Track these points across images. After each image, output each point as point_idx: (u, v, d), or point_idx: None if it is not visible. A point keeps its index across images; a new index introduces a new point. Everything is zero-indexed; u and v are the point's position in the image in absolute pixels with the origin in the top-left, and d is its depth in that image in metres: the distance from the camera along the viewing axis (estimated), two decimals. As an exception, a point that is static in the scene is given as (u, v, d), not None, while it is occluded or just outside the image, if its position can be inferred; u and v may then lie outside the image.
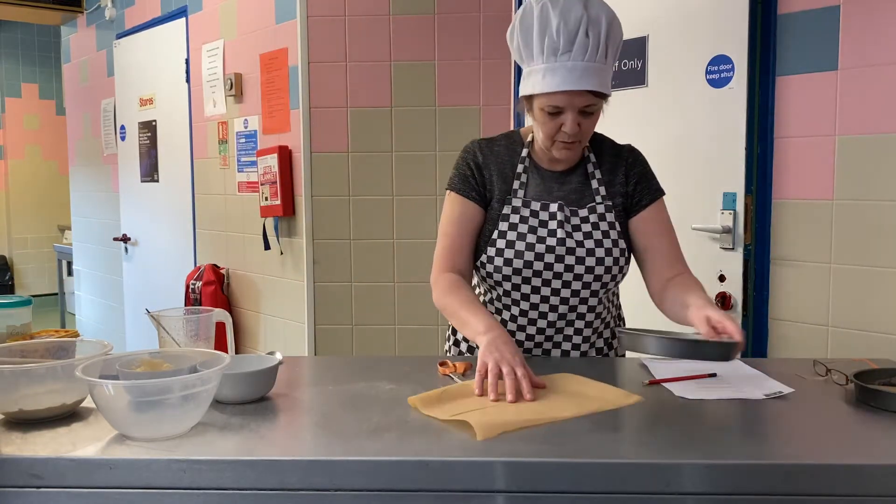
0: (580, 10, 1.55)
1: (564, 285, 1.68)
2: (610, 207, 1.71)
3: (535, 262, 1.67)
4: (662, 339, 1.37)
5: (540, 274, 1.67)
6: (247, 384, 1.40)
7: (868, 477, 1.09)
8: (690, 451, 1.18)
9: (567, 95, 1.57)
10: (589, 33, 1.55)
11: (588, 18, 1.55)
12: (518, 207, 1.70)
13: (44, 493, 1.14)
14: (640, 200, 1.74)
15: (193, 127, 4.36)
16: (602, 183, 1.73)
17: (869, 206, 2.31)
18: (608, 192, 1.73)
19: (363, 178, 3.49)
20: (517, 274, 1.68)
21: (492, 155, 1.75)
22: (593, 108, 1.61)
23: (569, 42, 1.55)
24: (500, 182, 1.73)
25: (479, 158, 1.75)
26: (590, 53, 1.55)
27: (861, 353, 2.27)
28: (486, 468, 1.11)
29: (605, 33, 1.57)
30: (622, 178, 1.74)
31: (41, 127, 8.79)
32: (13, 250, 8.77)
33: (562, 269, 1.67)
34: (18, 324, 1.95)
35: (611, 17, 1.59)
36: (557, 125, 1.61)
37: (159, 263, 4.84)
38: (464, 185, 1.75)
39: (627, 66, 2.87)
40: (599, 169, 1.74)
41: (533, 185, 1.74)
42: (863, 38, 2.30)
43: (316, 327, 3.58)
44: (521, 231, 1.69)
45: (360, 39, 3.45)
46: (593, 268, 1.67)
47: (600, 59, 1.57)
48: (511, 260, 1.68)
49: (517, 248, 1.68)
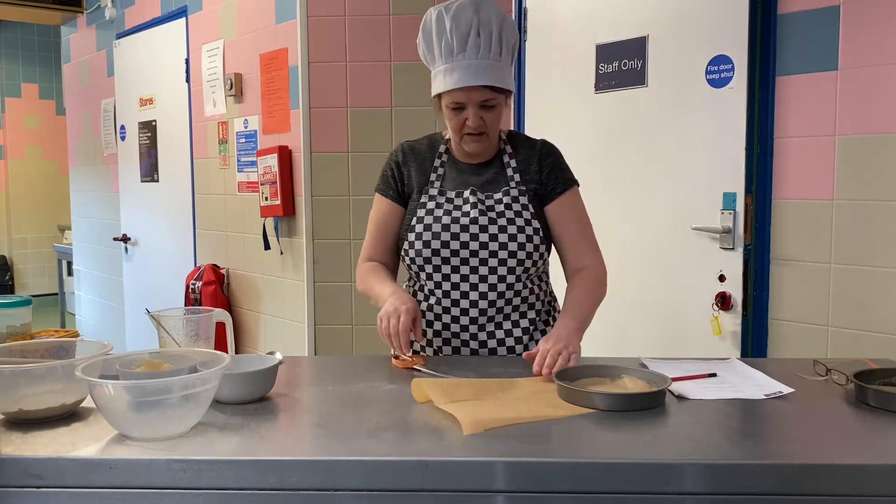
0: (470, 14, 1.71)
1: (482, 262, 1.77)
2: (524, 192, 1.82)
3: (452, 242, 1.77)
4: (596, 395, 1.37)
5: (457, 253, 1.77)
6: (247, 384, 1.40)
7: (868, 477, 1.09)
8: (690, 451, 1.18)
9: (465, 91, 1.72)
10: (481, 34, 1.70)
11: (479, 21, 1.70)
12: (434, 196, 1.84)
13: (44, 493, 1.14)
14: (553, 189, 1.84)
15: (193, 127, 4.36)
16: (517, 171, 1.84)
17: (869, 206, 2.31)
18: (522, 179, 1.83)
19: (363, 178, 3.49)
20: (436, 255, 1.78)
21: (412, 153, 1.91)
22: (492, 101, 1.74)
23: (462, 43, 1.71)
24: (418, 176, 1.87)
25: (400, 157, 1.91)
26: (482, 52, 1.71)
27: (861, 353, 2.26)
28: (486, 468, 1.11)
29: (496, 33, 1.71)
30: (536, 167, 1.84)
31: (41, 127, 8.79)
32: (13, 250, 8.77)
33: (477, 246, 1.76)
34: (18, 324, 1.95)
35: (501, 18, 1.73)
36: (462, 120, 1.76)
37: (159, 263, 4.84)
38: (384, 185, 1.91)
39: (627, 66, 2.87)
40: (515, 159, 1.86)
41: (450, 177, 1.87)
42: (863, 38, 2.29)
43: (316, 327, 3.58)
44: (437, 215, 1.80)
45: (360, 39, 3.45)
46: (506, 244, 1.76)
47: (494, 56, 1.72)
48: (429, 241, 1.78)
49: (434, 229, 1.79)
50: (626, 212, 2.88)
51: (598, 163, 2.95)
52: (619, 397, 1.37)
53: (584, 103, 3.02)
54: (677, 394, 1.43)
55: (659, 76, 2.79)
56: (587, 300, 1.80)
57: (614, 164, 2.93)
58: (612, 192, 2.90)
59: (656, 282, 2.80)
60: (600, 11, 2.97)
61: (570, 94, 3.07)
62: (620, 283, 2.77)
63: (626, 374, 1.49)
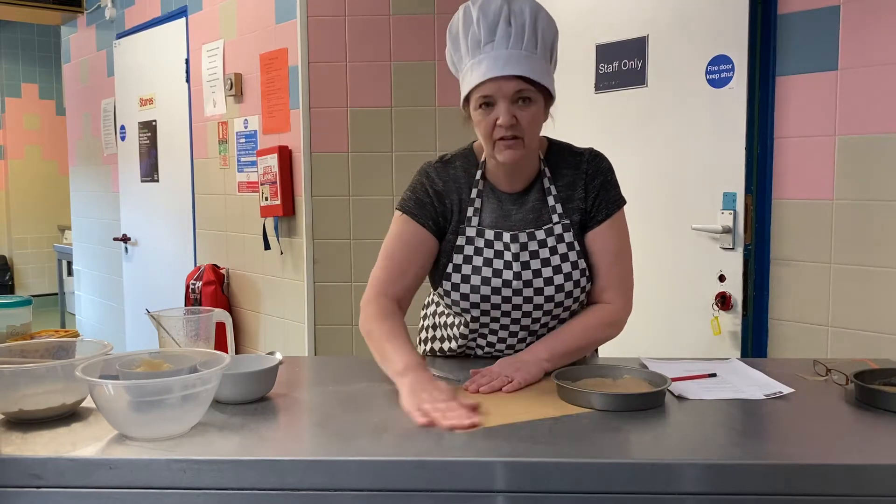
0: (499, 3, 1.54)
1: (525, 315, 1.65)
2: (568, 227, 1.64)
3: (493, 297, 1.62)
4: (596, 395, 1.37)
5: (499, 307, 1.63)
6: (247, 384, 1.40)
7: (868, 477, 1.09)
8: (690, 451, 1.18)
9: (495, 83, 1.52)
10: (511, 22, 1.53)
11: (509, 10, 1.54)
12: (472, 238, 1.64)
13: (44, 493, 1.14)
14: (595, 216, 1.66)
15: (193, 127, 4.36)
16: (559, 200, 1.65)
17: (869, 206, 2.31)
18: (565, 210, 1.65)
19: (363, 178, 3.49)
20: (475, 307, 1.64)
21: (450, 180, 1.67)
22: (525, 94, 1.53)
23: (490, 32, 1.53)
24: (457, 210, 1.66)
25: (439, 185, 1.67)
26: (514, 41, 1.53)
27: (861, 353, 2.27)
28: (486, 468, 1.11)
29: (529, 23, 1.53)
30: (581, 193, 1.66)
31: (41, 127, 8.79)
32: (13, 250, 8.77)
33: (520, 301, 1.62)
34: (18, 324, 1.95)
35: (536, 9, 1.56)
36: (493, 120, 1.54)
37: (159, 263, 4.84)
38: (420, 211, 1.66)
39: (627, 66, 2.87)
40: (555, 185, 1.66)
41: (488, 210, 1.66)
42: (863, 38, 2.29)
43: (316, 327, 3.58)
44: (476, 265, 1.62)
45: (360, 39, 3.45)
46: (553, 296, 1.62)
47: (528, 48, 1.53)
48: (468, 295, 1.63)
49: (472, 282, 1.62)
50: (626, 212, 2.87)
51: (598, 163, 2.95)
52: (618, 397, 1.37)
53: (584, 103, 3.02)
54: (677, 394, 1.43)
55: (659, 76, 2.79)
56: (579, 337, 1.63)
57: (614, 165, 2.90)
58: (612, 192, 2.90)
59: (656, 281, 2.80)
60: (600, 11, 2.97)
61: (570, 94, 3.07)
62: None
63: (626, 374, 1.49)
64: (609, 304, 1.67)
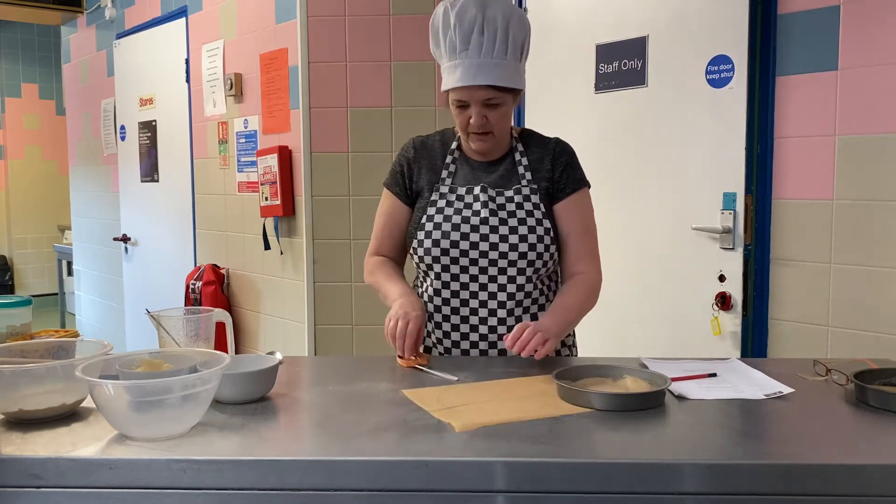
0: (474, 12, 1.67)
1: (491, 263, 1.75)
2: (535, 190, 1.79)
3: (461, 242, 1.75)
4: (596, 395, 1.37)
5: (467, 253, 1.75)
6: (247, 384, 1.40)
7: (868, 477, 1.09)
8: (690, 451, 1.18)
9: (467, 90, 1.70)
10: (485, 31, 1.67)
11: (484, 18, 1.67)
12: (445, 193, 1.81)
13: (44, 493, 1.14)
14: (563, 188, 1.81)
15: (193, 127, 4.36)
16: (528, 169, 1.81)
17: (869, 206, 2.31)
18: (534, 177, 1.81)
19: (363, 178, 3.49)
20: (445, 254, 1.76)
21: (424, 150, 1.88)
22: (496, 100, 1.71)
23: (464, 41, 1.68)
24: (428, 174, 1.85)
25: (411, 154, 1.89)
26: (485, 51, 1.67)
27: (861, 353, 2.26)
28: (486, 468, 1.11)
29: (502, 31, 1.67)
30: (548, 166, 1.81)
31: (41, 127, 8.79)
32: (13, 250, 8.77)
33: (487, 246, 1.74)
34: (18, 324, 1.95)
35: (509, 15, 1.68)
36: (467, 118, 1.74)
37: (159, 263, 4.84)
38: (392, 181, 1.90)
39: (627, 66, 2.87)
40: (527, 157, 1.83)
41: (461, 174, 1.84)
42: (863, 38, 2.29)
43: (316, 327, 3.58)
44: (447, 213, 1.78)
45: (360, 39, 3.45)
46: (517, 245, 1.74)
47: (498, 55, 1.68)
48: (438, 241, 1.76)
49: (443, 228, 1.77)
50: (626, 212, 2.88)
51: (598, 163, 2.94)
52: (618, 397, 1.37)
53: (584, 103, 3.02)
54: (677, 394, 1.43)
55: (659, 76, 2.79)
56: (573, 307, 1.76)
57: (614, 165, 2.93)
58: (612, 192, 2.90)
59: (656, 282, 2.80)
60: (600, 11, 2.97)
61: (570, 94, 3.07)
62: (620, 284, 2.78)
63: (626, 374, 1.49)
64: (585, 273, 1.81)
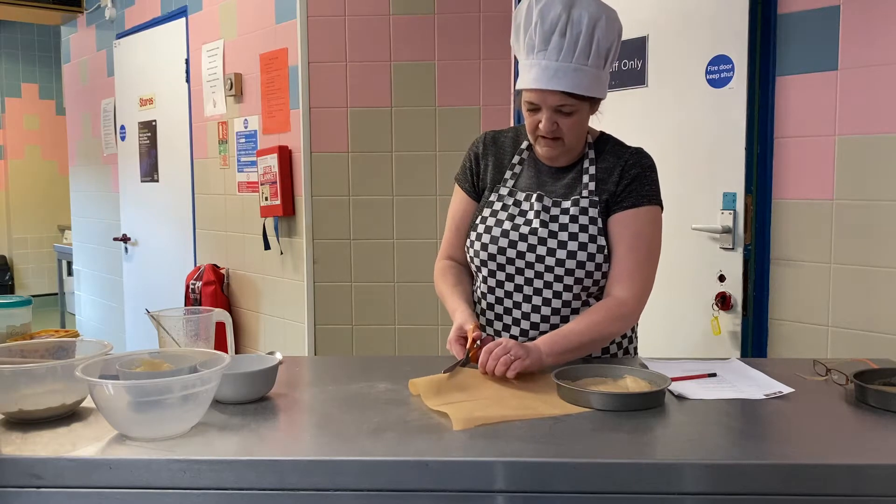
0: (559, 10, 1.56)
1: (537, 276, 1.68)
2: (595, 203, 1.68)
3: (509, 249, 1.68)
4: (595, 395, 1.37)
5: (513, 262, 1.69)
6: (247, 384, 1.40)
7: (868, 477, 1.09)
8: (690, 451, 1.18)
9: (539, 93, 1.60)
10: (566, 33, 1.56)
11: (568, 18, 1.56)
12: (503, 196, 1.75)
13: (44, 493, 1.14)
14: (621, 201, 1.68)
15: (193, 127, 4.36)
16: (594, 179, 1.70)
17: (869, 206, 2.31)
18: (598, 189, 1.69)
19: (363, 178, 3.49)
20: (492, 259, 1.71)
21: (494, 146, 1.81)
22: (568, 108, 1.61)
23: (543, 41, 1.57)
24: (494, 172, 1.78)
25: (480, 148, 1.82)
26: (564, 54, 1.56)
27: (861, 353, 2.26)
28: (486, 468, 1.11)
29: (585, 33, 1.56)
30: (616, 178, 1.69)
31: (41, 127, 8.79)
32: (13, 250, 8.77)
33: (533, 258, 1.67)
34: (18, 324, 1.95)
35: (596, 18, 1.56)
36: (536, 121, 1.64)
37: (159, 263, 4.84)
38: (462, 176, 1.84)
39: (627, 66, 2.87)
40: (596, 166, 1.72)
41: (525, 176, 1.76)
42: (863, 38, 2.29)
43: (316, 327, 3.57)
44: (500, 218, 1.72)
45: (360, 39, 3.45)
46: (564, 260, 1.65)
47: (578, 60, 1.56)
48: (486, 245, 1.71)
49: (493, 233, 1.71)
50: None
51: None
52: (618, 397, 1.37)
53: (584, 103, 3.02)
54: (677, 394, 1.43)
55: (659, 76, 2.78)
56: (576, 332, 1.60)
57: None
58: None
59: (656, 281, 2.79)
60: (600, 11, 2.97)
61: (570, 94, 3.07)
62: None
63: (626, 374, 1.49)
64: (620, 298, 1.66)
